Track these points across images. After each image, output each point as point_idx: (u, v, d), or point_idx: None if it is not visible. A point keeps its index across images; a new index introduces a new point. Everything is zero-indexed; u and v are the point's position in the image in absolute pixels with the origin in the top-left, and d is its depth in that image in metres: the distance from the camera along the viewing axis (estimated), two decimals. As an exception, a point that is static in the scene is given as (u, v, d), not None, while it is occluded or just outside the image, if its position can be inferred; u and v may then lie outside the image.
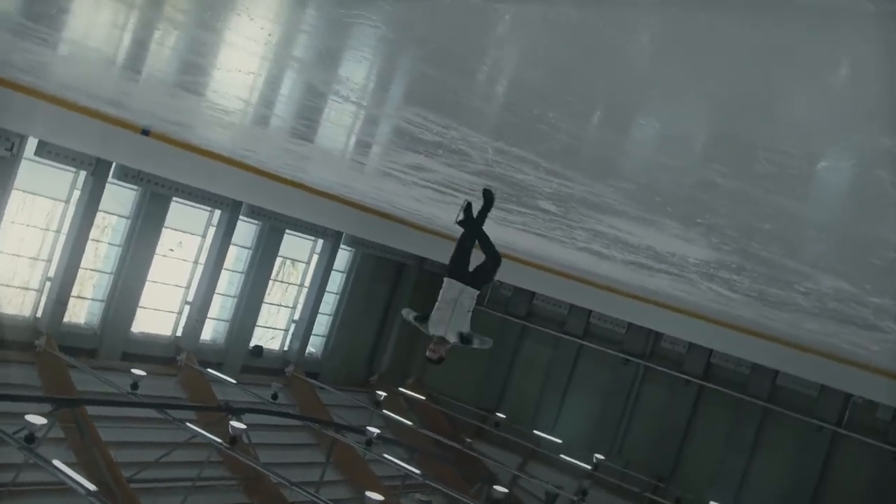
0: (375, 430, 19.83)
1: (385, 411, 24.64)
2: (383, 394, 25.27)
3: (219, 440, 15.86)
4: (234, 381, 21.88)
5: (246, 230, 24.07)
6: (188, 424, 16.50)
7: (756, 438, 25.46)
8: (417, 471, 19.60)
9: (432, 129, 5.89)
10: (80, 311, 21.01)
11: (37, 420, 12.30)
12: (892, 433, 23.64)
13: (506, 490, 18.70)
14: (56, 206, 19.54)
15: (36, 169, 18.59)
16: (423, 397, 27.97)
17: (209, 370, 22.20)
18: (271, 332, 26.21)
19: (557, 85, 3.81)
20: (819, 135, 3.25)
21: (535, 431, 27.09)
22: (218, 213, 22.87)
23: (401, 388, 28.12)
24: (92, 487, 11.58)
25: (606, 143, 4.86)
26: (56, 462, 12.16)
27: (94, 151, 17.59)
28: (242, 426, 16.08)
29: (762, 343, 18.18)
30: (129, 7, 5.07)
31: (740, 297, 10.95)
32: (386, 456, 20.05)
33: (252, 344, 24.96)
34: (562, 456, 25.42)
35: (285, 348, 26.39)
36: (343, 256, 27.49)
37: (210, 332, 24.09)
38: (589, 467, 24.87)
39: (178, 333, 22.93)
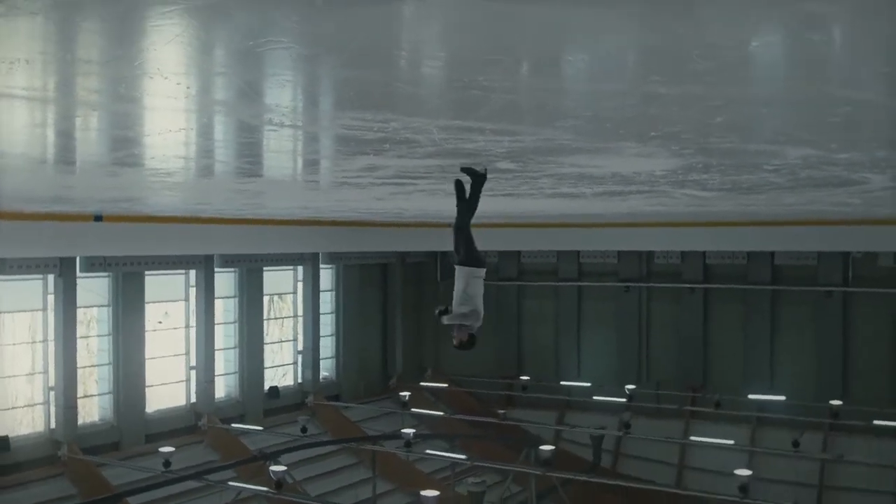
0: (410, 431, 19.86)
1: (414, 409, 24.68)
2: (407, 393, 25.29)
3: (264, 489, 15.86)
4: (260, 428, 21.86)
5: (225, 280, 23.97)
6: (230, 483, 16.49)
7: (772, 322, 25.72)
8: (463, 456, 19.69)
9: (373, 127, 5.87)
10: (92, 409, 20.90)
11: (84, 527, 12.26)
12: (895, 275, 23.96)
13: (552, 447, 18.80)
14: (35, 317, 19.39)
15: (4, 287, 18.42)
16: (446, 384, 28.03)
17: (233, 425, 22.16)
18: (282, 370, 26.18)
19: (479, 48, 3.80)
20: (741, 17, 3.27)
21: (563, 383, 27.23)
22: (193, 272, 22.75)
23: (422, 383, 28.17)
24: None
25: (543, 89, 4.86)
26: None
27: (54, 253, 17.46)
28: (282, 468, 16.08)
29: (750, 230, 18.36)
30: (43, 103, 5.01)
31: (715, 193, 11.04)
32: (428, 452, 20.15)
33: (267, 387, 24.91)
34: (594, 398, 25.58)
35: (299, 381, 26.37)
36: (326, 275, 27.45)
37: (223, 388, 24.03)
38: (624, 400, 25.02)
39: (193, 399, 22.85)
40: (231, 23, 3.23)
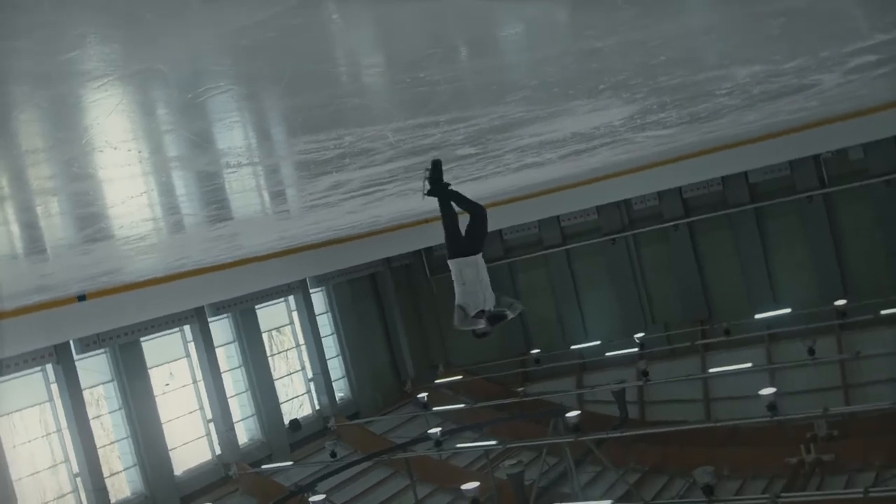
0: (437, 430, 19.92)
1: (435, 408, 24.72)
2: (425, 394, 25.34)
3: (309, 521, 15.90)
4: (290, 463, 21.86)
5: (221, 327, 23.92)
6: (274, 524, 16.48)
7: (762, 240, 25.86)
8: (494, 441, 19.75)
9: (328, 145, 5.88)
10: (122, 486, 20.82)
11: None
12: (871, 166, 24.11)
13: (577, 412, 18.89)
14: (44, 409, 19.29)
15: (5, 388, 18.31)
16: (461, 376, 28.08)
17: (263, 466, 22.15)
18: (297, 402, 26.15)
19: (413, 45, 3.82)
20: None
21: (573, 347, 27.34)
22: (187, 327, 22.69)
23: (436, 381, 28.20)
24: None
25: (484, 69, 4.88)
26: None
27: (46, 342, 17.35)
28: (321, 496, 16.13)
29: (719, 155, 18.44)
30: (0, 200, 4.99)
31: (676, 128, 11.09)
32: (459, 446, 20.21)
33: (287, 421, 24.88)
34: (607, 354, 25.71)
35: (317, 407, 26.36)
36: (319, 299, 27.43)
37: (244, 433, 23.99)
38: (636, 349, 25.17)
39: (218, 452, 22.80)
40: (166, 80, 3.23)
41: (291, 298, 26.28)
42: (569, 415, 18.38)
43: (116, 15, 2.40)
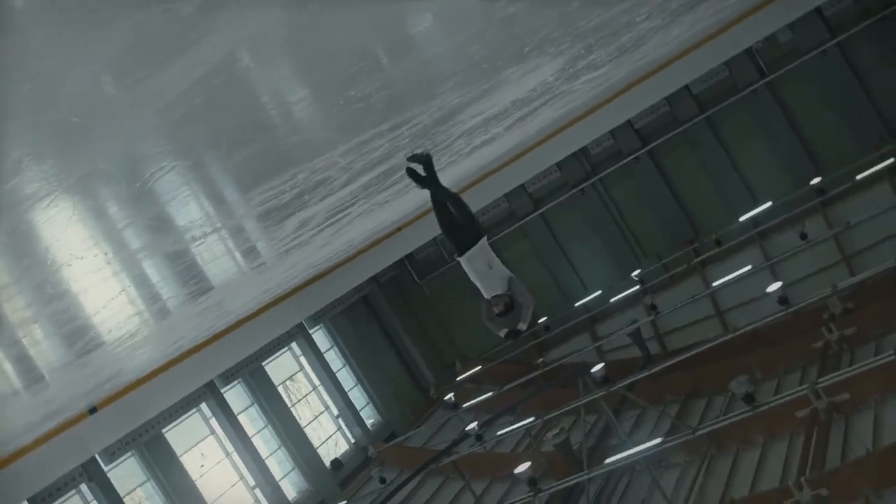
0: (473, 425, 19.92)
1: (465, 405, 24.69)
2: (451, 395, 25.28)
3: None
4: (344, 502, 21.81)
5: (237, 394, 23.83)
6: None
7: (722, 146, 26.00)
8: (531, 418, 19.75)
9: (284, 188, 5.86)
10: (189, 577, 20.69)
11: None
12: (801, 44, 24.28)
13: (601, 364, 18.92)
14: (90, 529, 19.15)
15: (45, 520, 18.16)
16: (479, 366, 28.05)
17: (319, 514, 22.11)
18: (332, 441, 26.08)
19: (335, 68, 3.81)
20: None
21: (576, 304, 27.38)
22: (203, 405, 22.57)
23: (457, 378, 28.17)
24: None
25: (412, 69, 4.88)
26: None
27: (71, 465, 17.18)
28: (384, 525, 16.08)
29: (656, 78, 18.48)
30: (-14, 343, 4.95)
31: (608, 66, 11.13)
32: (499, 433, 20.20)
33: (328, 464, 24.81)
34: (611, 300, 25.77)
35: (352, 441, 26.31)
36: (320, 336, 27.36)
37: (291, 489, 23.90)
38: (638, 287, 25.25)
39: (270, 514, 22.73)
40: (111, 177, 3.21)
41: (294, 345, 26.20)
42: (594, 370, 18.38)
43: (45, 128, 2.38)
